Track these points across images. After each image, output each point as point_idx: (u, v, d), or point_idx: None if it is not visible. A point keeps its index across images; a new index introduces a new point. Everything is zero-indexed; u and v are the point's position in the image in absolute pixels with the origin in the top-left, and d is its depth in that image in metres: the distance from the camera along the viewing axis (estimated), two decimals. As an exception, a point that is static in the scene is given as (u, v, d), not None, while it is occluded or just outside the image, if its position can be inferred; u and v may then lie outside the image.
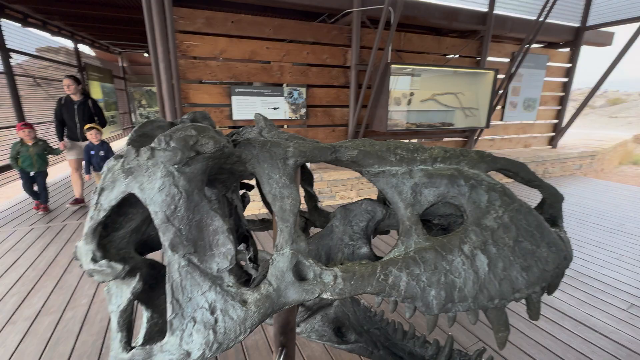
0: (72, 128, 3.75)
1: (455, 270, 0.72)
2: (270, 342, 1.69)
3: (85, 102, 3.76)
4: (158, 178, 0.66)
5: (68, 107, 3.69)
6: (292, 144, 0.82)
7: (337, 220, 0.94)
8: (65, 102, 3.70)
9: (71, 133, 3.78)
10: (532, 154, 5.48)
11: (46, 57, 5.96)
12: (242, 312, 0.69)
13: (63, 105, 3.70)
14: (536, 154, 5.48)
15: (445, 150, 0.86)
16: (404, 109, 4.28)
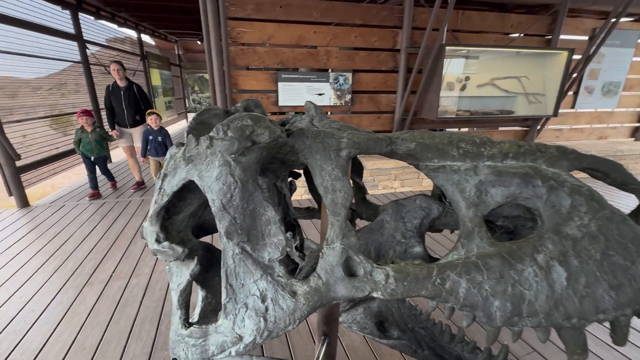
0: (120, 115, 3.81)
1: (525, 282, 0.64)
2: (312, 330, 1.73)
3: (130, 88, 3.77)
4: (216, 167, 0.68)
5: (115, 94, 3.72)
6: (346, 134, 0.79)
7: (389, 216, 0.90)
8: (113, 88, 3.74)
9: (120, 120, 3.85)
10: (609, 147, 4.78)
11: (115, 46, 6.53)
12: (291, 303, 0.70)
13: (111, 92, 3.74)
14: (614, 147, 4.78)
15: (519, 145, 0.76)
16: (457, 94, 3.96)
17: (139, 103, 3.86)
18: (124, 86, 3.73)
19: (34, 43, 4.21)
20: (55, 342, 1.65)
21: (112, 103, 3.77)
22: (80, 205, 3.59)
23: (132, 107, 3.78)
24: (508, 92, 4.16)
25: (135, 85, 3.85)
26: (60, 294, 2.03)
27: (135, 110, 3.84)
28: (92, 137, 3.61)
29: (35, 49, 4.23)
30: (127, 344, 1.64)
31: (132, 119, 3.84)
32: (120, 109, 3.76)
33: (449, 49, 3.55)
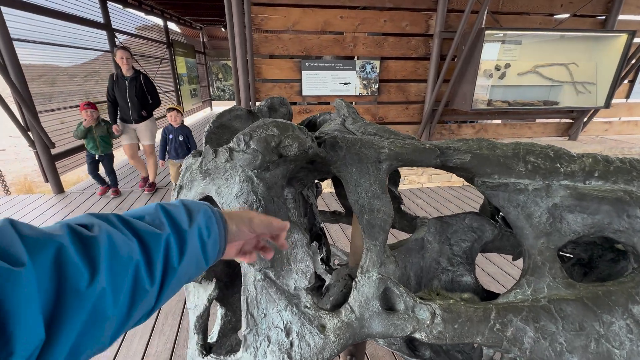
0: (124, 108, 3.33)
1: (615, 338, 0.51)
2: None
3: (136, 78, 3.27)
4: (236, 183, 0.59)
5: (120, 85, 3.24)
6: (387, 143, 0.67)
7: (431, 235, 0.78)
8: (117, 78, 3.26)
9: (123, 114, 3.37)
10: (668, 142, 4.28)
11: (142, 35, 6.62)
12: (319, 340, 0.61)
13: (115, 83, 3.27)
14: (674, 142, 4.27)
15: (607, 161, 0.61)
16: (495, 83, 3.65)
17: (145, 96, 3.37)
18: (130, 76, 3.25)
19: (68, 32, 4.32)
20: (84, 332, 1.70)
21: (115, 95, 3.31)
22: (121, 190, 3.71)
23: (138, 100, 3.31)
24: (553, 80, 3.78)
25: (143, 75, 3.36)
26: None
27: (141, 104, 3.36)
28: (96, 133, 3.21)
29: (69, 39, 4.35)
30: (150, 338, 1.66)
31: (137, 113, 3.37)
32: (124, 102, 3.30)
33: (489, 33, 3.24)
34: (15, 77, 3.13)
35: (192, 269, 0.39)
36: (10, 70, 3.08)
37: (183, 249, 0.37)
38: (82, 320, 0.27)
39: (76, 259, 0.27)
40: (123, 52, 3.17)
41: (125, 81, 3.24)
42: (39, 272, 0.25)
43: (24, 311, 0.23)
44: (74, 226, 0.30)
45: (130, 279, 0.31)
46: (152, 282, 0.33)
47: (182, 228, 0.38)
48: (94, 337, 0.28)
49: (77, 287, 0.27)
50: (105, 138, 3.30)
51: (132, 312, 0.32)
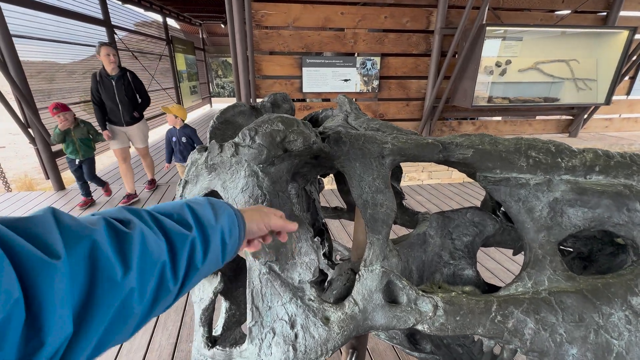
0: (113, 110, 3.03)
1: (614, 329, 0.52)
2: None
3: (123, 76, 3.00)
4: (241, 177, 0.59)
5: (105, 84, 2.93)
6: (390, 139, 0.67)
7: (433, 230, 0.78)
8: (101, 77, 2.93)
9: (112, 116, 3.07)
10: (668, 139, 4.28)
11: (141, 31, 6.59)
12: (324, 332, 0.62)
13: (99, 83, 2.94)
14: (674, 139, 4.27)
15: (608, 156, 0.62)
16: (496, 80, 3.65)
17: (135, 95, 3.12)
18: (116, 74, 2.95)
19: (67, 29, 4.30)
20: (87, 327, 1.71)
21: (101, 96, 2.98)
22: (113, 188, 3.71)
23: (128, 100, 3.04)
24: (554, 77, 3.77)
25: (130, 73, 3.07)
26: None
27: (132, 104, 3.09)
28: (75, 136, 2.91)
29: (67, 35, 4.33)
30: (153, 333, 1.67)
31: (128, 115, 3.09)
32: (112, 104, 3.00)
33: (490, 29, 3.24)
34: (15, 73, 3.12)
35: (211, 268, 0.41)
36: (10, 67, 3.07)
37: (207, 250, 0.38)
38: (111, 316, 0.27)
39: (111, 254, 0.28)
40: (109, 49, 2.88)
41: (111, 81, 2.94)
42: (74, 265, 0.25)
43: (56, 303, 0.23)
44: (111, 221, 0.31)
45: (156, 277, 0.32)
46: (176, 281, 0.34)
47: (207, 231, 0.39)
48: (119, 332, 0.29)
49: (109, 282, 0.27)
50: (86, 141, 3.00)
51: (154, 309, 0.33)
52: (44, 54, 4.10)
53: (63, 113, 2.83)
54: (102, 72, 2.95)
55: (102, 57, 2.88)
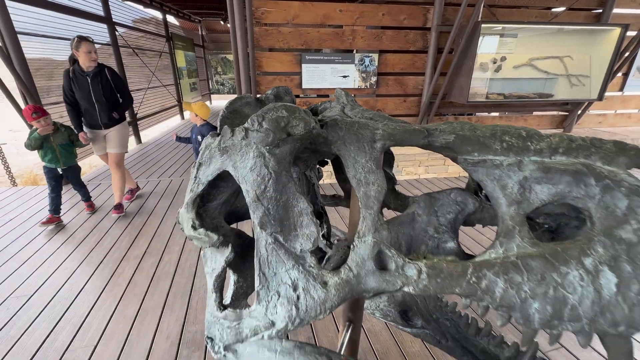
0: (89, 111, 2.71)
1: (569, 285, 0.61)
2: (335, 317, 1.77)
3: (100, 73, 2.67)
4: (250, 158, 0.68)
5: (79, 82, 2.62)
6: (381, 125, 0.76)
7: (421, 209, 0.87)
8: (75, 74, 2.62)
9: (89, 118, 2.75)
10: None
11: (141, 28, 6.62)
12: (322, 294, 0.71)
13: (73, 80, 2.63)
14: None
15: (571, 140, 0.70)
16: (491, 76, 3.72)
17: (114, 94, 2.80)
18: (92, 71, 2.63)
19: (68, 26, 4.35)
20: (99, 310, 1.81)
21: (74, 95, 2.67)
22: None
23: (106, 99, 2.71)
24: (548, 73, 3.86)
25: (108, 69, 2.75)
26: (101, 267, 2.20)
27: (110, 104, 2.77)
28: (54, 141, 2.62)
29: (68, 32, 4.38)
30: (162, 315, 1.77)
31: (106, 116, 2.76)
32: (88, 104, 2.68)
33: (485, 26, 3.31)
34: (21, 69, 3.19)
35: None
36: (15, 63, 3.14)
37: None
38: None
39: None
40: (90, 46, 2.57)
41: (86, 78, 2.62)
42: None
43: None
44: None
45: None
46: None
47: None
48: None
49: None
50: (67, 146, 2.71)
51: None
52: (41, 50, 4.13)
53: (44, 118, 2.55)
54: (76, 68, 2.63)
55: (81, 54, 2.54)
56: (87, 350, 1.55)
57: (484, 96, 3.81)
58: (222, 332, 0.79)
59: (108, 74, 2.73)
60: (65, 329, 1.67)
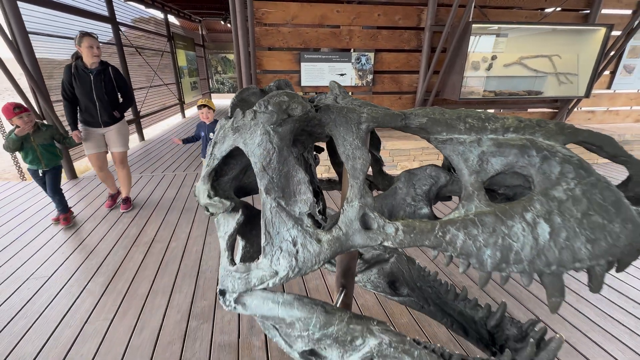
0: (90, 108, 2.68)
1: (514, 235, 0.77)
2: (329, 287, 1.92)
3: (104, 71, 2.67)
4: (258, 135, 0.83)
5: (81, 79, 2.60)
6: (366, 110, 0.91)
7: (402, 183, 1.02)
8: (78, 70, 2.60)
9: (88, 116, 2.71)
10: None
11: (143, 27, 6.76)
12: (317, 248, 0.86)
13: (75, 77, 2.60)
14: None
15: (520, 121, 0.85)
16: (482, 74, 3.88)
17: (116, 93, 2.79)
18: (95, 68, 2.62)
19: (72, 25, 4.48)
20: (113, 290, 1.95)
21: (74, 91, 2.64)
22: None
23: (107, 97, 2.70)
24: (537, 71, 4.02)
25: (112, 68, 2.75)
26: (112, 253, 2.34)
27: (111, 103, 2.75)
28: (35, 142, 2.48)
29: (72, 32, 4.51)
30: (171, 293, 1.91)
31: (107, 114, 2.74)
32: (89, 101, 2.66)
33: (476, 26, 3.46)
34: (32, 67, 3.33)
35: None
36: (26, 61, 3.28)
37: None
38: None
39: None
40: (92, 40, 2.55)
41: (89, 74, 2.60)
42: None
43: None
44: None
45: None
46: None
47: None
48: None
49: None
50: (48, 147, 2.56)
51: None
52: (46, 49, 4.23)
53: (26, 114, 2.40)
54: (79, 64, 2.61)
55: (83, 49, 2.53)
56: (105, 322, 1.70)
57: (476, 94, 3.97)
58: (234, 282, 0.94)
59: (111, 73, 2.73)
60: (83, 306, 1.82)
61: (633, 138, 4.37)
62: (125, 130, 2.98)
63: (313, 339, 1.01)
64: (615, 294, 1.92)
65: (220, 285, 0.96)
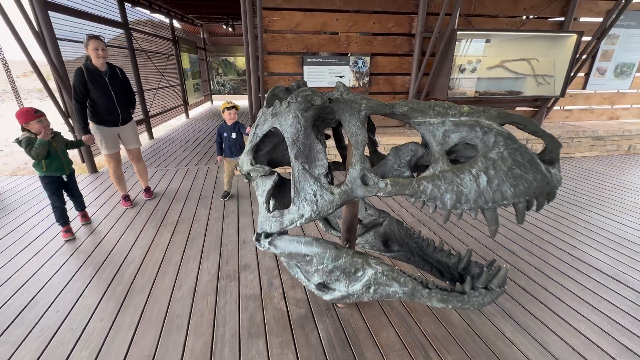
0: (110, 109, 2.81)
1: (464, 184, 1.14)
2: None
3: (115, 73, 2.83)
4: (290, 118, 1.20)
5: (97, 80, 2.70)
6: (364, 101, 1.29)
7: (390, 155, 1.40)
8: (90, 73, 2.67)
9: (105, 116, 2.83)
10: (617, 127, 4.97)
11: (152, 32, 7.10)
12: (331, 197, 1.23)
13: (89, 80, 2.67)
14: (622, 127, 4.97)
15: (471, 108, 1.23)
16: (467, 76, 4.29)
17: (126, 92, 2.95)
18: (107, 70, 2.76)
19: (89, 30, 4.82)
20: (150, 260, 2.30)
21: (88, 93, 2.71)
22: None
23: (123, 96, 2.90)
24: (517, 73, 4.43)
25: (119, 69, 2.91)
26: (143, 232, 2.69)
27: (127, 101, 2.95)
28: (58, 147, 2.45)
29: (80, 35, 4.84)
30: (200, 261, 2.27)
31: (126, 112, 2.95)
32: (108, 102, 2.79)
33: (460, 33, 3.87)
34: (61, 70, 3.67)
35: None
36: (56, 64, 3.62)
37: None
38: None
39: None
40: (97, 42, 2.62)
41: (104, 77, 2.74)
42: None
43: None
44: None
45: None
46: None
47: None
48: None
49: None
50: (65, 152, 2.57)
51: None
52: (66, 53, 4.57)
53: (45, 118, 2.34)
54: (90, 66, 2.68)
55: (90, 51, 2.63)
56: (149, 280, 2.05)
57: (463, 94, 4.37)
58: (271, 224, 1.30)
59: (119, 73, 2.89)
60: (127, 271, 2.17)
61: (605, 133, 4.79)
62: (136, 128, 3.19)
63: (326, 271, 1.39)
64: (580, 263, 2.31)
65: (259, 229, 1.32)
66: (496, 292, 1.32)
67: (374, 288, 1.35)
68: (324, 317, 1.74)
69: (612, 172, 4.19)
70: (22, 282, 2.06)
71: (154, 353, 1.53)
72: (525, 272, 2.14)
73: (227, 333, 1.64)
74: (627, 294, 1.93)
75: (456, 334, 1.65)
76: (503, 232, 2.66)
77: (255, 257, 2.30)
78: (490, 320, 1.74)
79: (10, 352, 1.55)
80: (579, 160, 4.77)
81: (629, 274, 2.11)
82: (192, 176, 4.12)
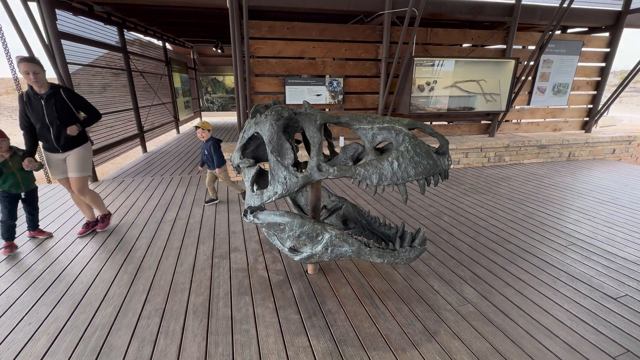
0: (45, 134, 2.60)
1: (384, 168, 1.71)
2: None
3: (55, 95, 2.55)
4: (267, 125, 1.75)
5: (33, 105, 2.52)
6: (319, 114, 1.86)
7: (341, 152, 1.97)
8: (29, 97, 2.52)
9: (45, 141, 2.64)
10: (558, 137, 5.77)
11: (146, 54, 7.66)
12: (296, 179, 1.77)
13: (27, 104, 2.53)
14: (562, 137, 5.77)
15: (390, 118, 1.83)
16: (426, 94, 5.01)
17: (72, 115, 2.66)
18: (45, 93, 2.52)
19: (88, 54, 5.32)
20: (155, 246, 2.75)
21: (29, 120, 2.57)
22: (136, 180, 4.71)
23: (60, 121, 2.58)
24: (469, 92, 5.19)
25: (64, 90, 2.62)
26: (146, 227, 3.14)
27: (67, 126, 2.62)
28: (14, 166, 2.52)
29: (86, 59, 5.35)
30: (197, 246, 2.74)
31: (64, 138, 2.63)
32: (42, 126, 2.57)
33: (417, 59, 4.60)
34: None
35: None
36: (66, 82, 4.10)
37: None
38: None
39: None
40: (28, 66, 2.37)
41: (40, 100, 2.51)
42: None
43: None
44: None
45: None
46: None
47: None
48: None
49: None
50: (27, 172, 2.61)
51: None
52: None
53: (2, 140, 2.41)
54: (29, 91, 2.51)
55: (21, 74, 2.44)
56: (155, 261, 2.50)
57: (423, 110, 5.08)
58: (254, 200, 1.82)
59: (64, 95, 2.60)
60: (136, 255, 2.61)
61: (547, 142, 5.57)
62: (85, 155, 2.80)
63: (295, 236, 1.92)
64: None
65: (245, 205, 1.82)
66: (418, 249, 1.87)
67: (331, 249, 1.88)
68: (298, 281, 2.24)
69: (551, 175, 4.92)
70: (53, 259, 2.48)
71: (164, 306, 1.99)
72: (458, 248, 2.71)
73: (221, 292, 2.12)
74: (533, 260, 2.52)
75: (397, 288, 2.18)
76: (446, 219, 3.25)
77: (243, 243, 2.79)
78: (424, 279, 2.28)
79: (48, 310, 1.97)
80: (526, 165, 5.51)
81: (539, 248, 2.71)
82: (186, 183, 4.59)
